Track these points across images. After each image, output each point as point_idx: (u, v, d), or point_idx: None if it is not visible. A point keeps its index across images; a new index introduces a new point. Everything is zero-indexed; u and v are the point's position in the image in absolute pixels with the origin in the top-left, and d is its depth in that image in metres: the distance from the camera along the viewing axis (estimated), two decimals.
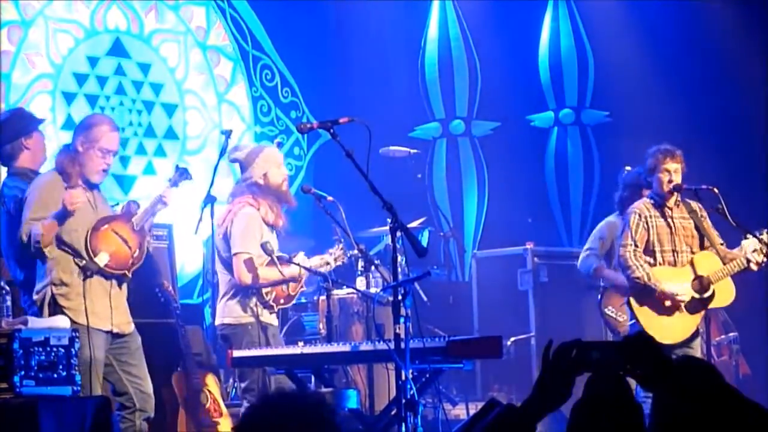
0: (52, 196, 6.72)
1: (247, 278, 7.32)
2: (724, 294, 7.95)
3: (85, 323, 6.66)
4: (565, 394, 2.82)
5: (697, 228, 7.95)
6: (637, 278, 7.75)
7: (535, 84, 13.03)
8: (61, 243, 6.76)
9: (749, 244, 7.95)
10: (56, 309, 6.70)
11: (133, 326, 7.02)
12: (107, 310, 6.80)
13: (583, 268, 8.86)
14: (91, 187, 6.94)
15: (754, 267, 7.89)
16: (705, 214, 7.95)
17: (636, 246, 7.78)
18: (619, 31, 12.38)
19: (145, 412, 6.91)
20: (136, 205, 7.16)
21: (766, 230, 7.95)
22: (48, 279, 6.75)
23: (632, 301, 7.84)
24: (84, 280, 6.72)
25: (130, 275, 6.90)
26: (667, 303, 7.78)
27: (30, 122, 7.35)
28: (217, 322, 7.55)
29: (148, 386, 6.97)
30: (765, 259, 7.87)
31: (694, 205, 7.96)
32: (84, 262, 6.76)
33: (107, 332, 6.82)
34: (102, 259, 6.74)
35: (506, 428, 2.81)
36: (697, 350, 7.88)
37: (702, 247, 7.94)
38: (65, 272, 6.75)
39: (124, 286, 6.98)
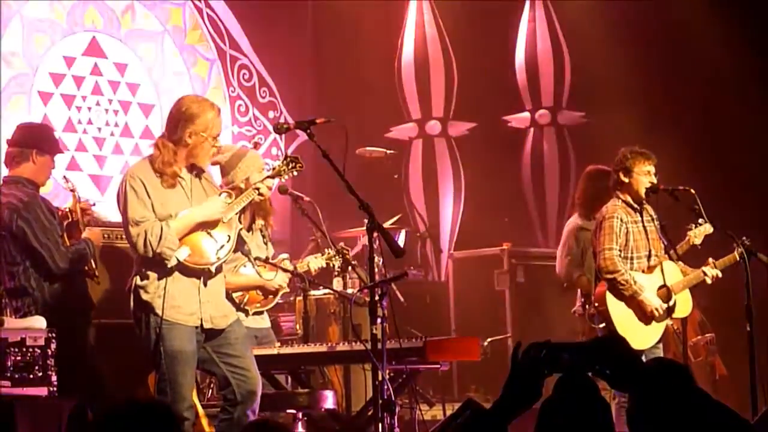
0: (148, 192, 6.36)
1: None
2: (685, 305, 7.96)
3: (165, 316, 6.28)
4: (535, 394, 2.83)
5: (662, 232, 7.99)
6: (625, 281, 7.69)
7: (511, 85, 13.05)
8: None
9: (695, 233, 8.02)
10: (138, 301, 6.36)
11: (232, 319, 6.57)
12: (195, 304, 6.36)
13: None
14: (195, 172, 6.55)
15: (708, 281, 7.96)
16: (658, 223, 7.97)
17: (620, 251, 7.74)
18: (596, 31, 12.39)
19: (247, 405, 6.42)
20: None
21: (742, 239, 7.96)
22: (134, 270, 6.42)
23: (608, 296, 7.77)
24: (166, 273, 6.30)
25: (212, 270, 6.42)
26: (646, 311, 7.79)
27: (49, 143, 7.20)
28: None
29: (252, 379, 6.49)
30: (719, 274, 7.93)
31: (651, 210, 7.97)
32: None
33: (196, 327, 6.39)
34: (181, 254, 6.31)
35: (478, 430, 2.83)
36: (660, 352, 7.88)
37: (666, 252, 7.97)
38: (148, 264, 6.33)
39: (219, 280, 6.55)
